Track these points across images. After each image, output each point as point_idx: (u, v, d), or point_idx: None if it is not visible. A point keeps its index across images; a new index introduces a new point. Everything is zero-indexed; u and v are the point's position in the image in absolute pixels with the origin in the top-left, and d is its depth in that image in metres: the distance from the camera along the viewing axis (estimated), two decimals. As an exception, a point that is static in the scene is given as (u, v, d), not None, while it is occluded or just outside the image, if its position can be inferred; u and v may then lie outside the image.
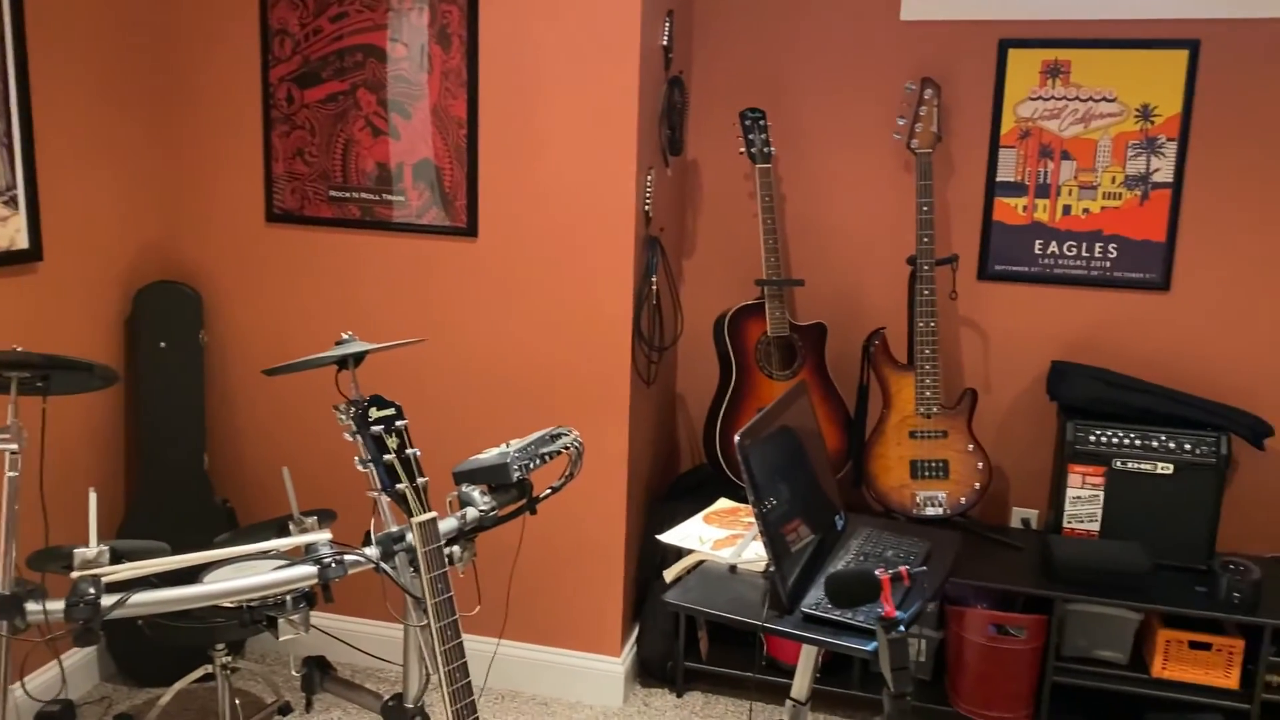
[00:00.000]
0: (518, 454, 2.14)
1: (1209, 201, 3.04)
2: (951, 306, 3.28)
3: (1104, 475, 2.98)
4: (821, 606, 1.84)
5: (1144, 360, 3.16)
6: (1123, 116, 3.04)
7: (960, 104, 3.17)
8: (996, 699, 2.90)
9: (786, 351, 3.18)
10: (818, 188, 3.33)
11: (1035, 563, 3.00)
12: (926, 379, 3.08)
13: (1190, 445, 2.93)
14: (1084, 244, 3.13)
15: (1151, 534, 2.96)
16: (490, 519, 2.06)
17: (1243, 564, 2.80)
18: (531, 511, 2.17)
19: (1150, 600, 2.80)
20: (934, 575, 2.11)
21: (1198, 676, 2.83)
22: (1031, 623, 2.87)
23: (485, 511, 2.04)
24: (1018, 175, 3.14)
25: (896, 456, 3.11)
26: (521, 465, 2.13)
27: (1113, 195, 3.08)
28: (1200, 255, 3.07)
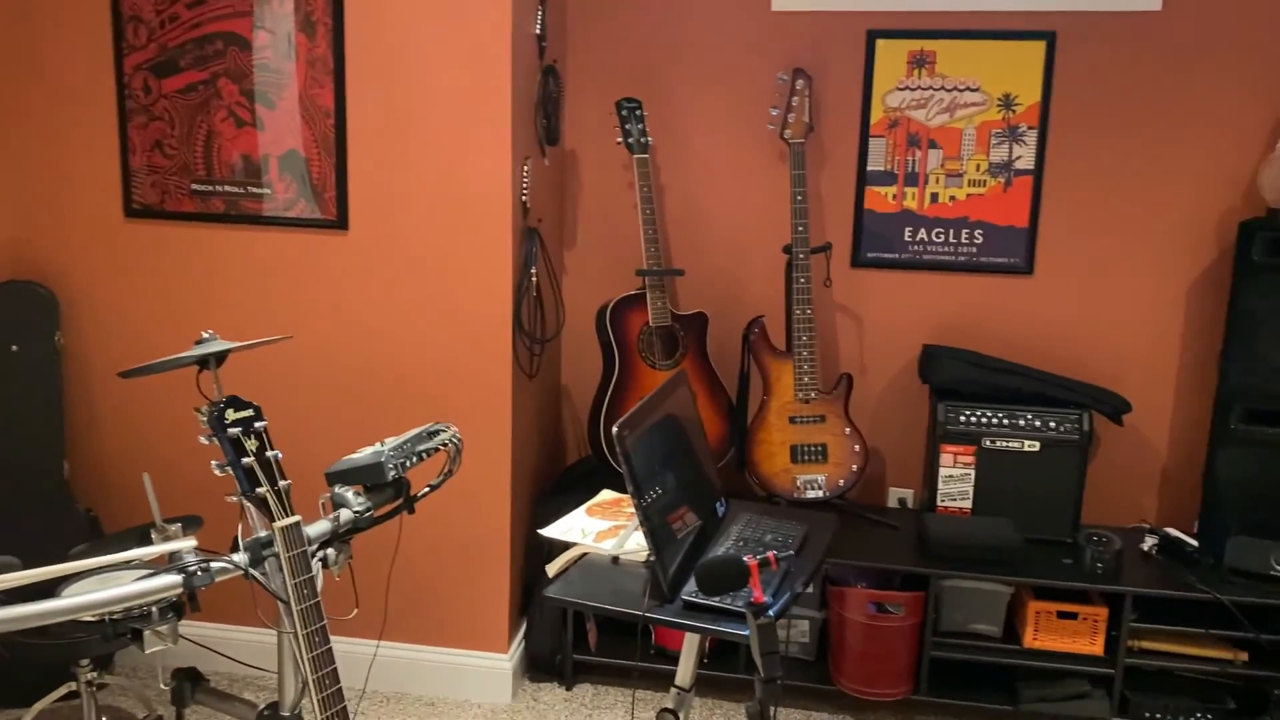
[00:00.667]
0: (393, 452, 2.09)
1: (1068, 188, 3.17)
2: (827, 293, 3.34)
3: (974, 454, 3.08)
4: (700, 594, 1.85)
5: (1010, 342, 3.27)
6: (986, 106, 3.14)
7: (832, 94, 3.23)
8: (878, 676, 2.97)
9: (669, 341, 3.20)
10: (696, 177, 3.35)
11: (912, 541, 3.08)
12: (805, 365, 3.13)
13: (1055, 423, 3.04)
14: (951, 230, 3.22)
15: (1020, 509, 3.07)
16: (366, 520, 2.01)
17: (1105, 535, 2.92)
18: (410, 510, 2.12)
19: (1020, 574, 2.91)
20: (810, 557, 2.14)
21: (1066, 645, 2.94)
22: (910, 600, 2.94)
23: (360, 512, 1.99)
24: (887, 164, 3.22)
25: (777, 441, 3.16)
26: (397, 464, 2.09)
27: (978, 183, 3.18)
28: (1061, 240, 3.20)
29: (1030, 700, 2.94)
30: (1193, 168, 3.09)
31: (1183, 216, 3.12)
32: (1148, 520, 3.29)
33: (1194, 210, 3.11)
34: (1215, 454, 3.02)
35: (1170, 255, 3.15)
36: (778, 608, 1.77)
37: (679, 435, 2.22)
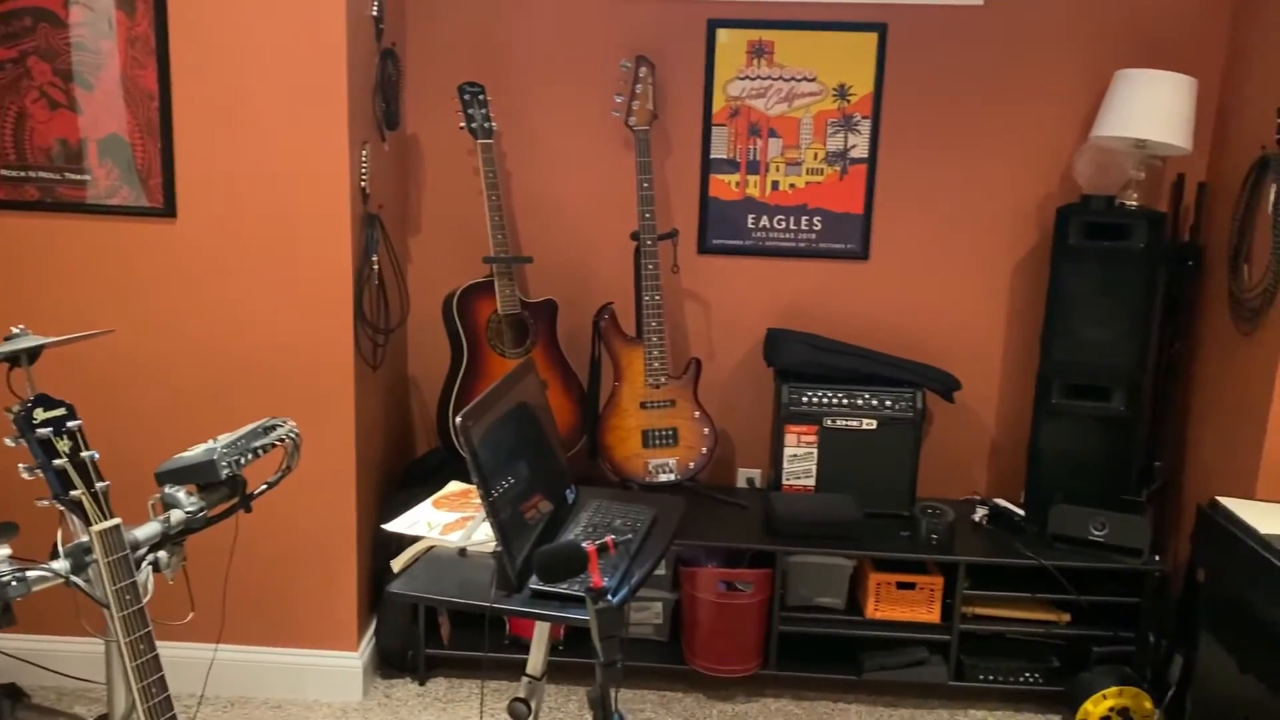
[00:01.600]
0: (226, 449, 2.01)
1: (900, 176, 3.29)
2: (676, 279, 3.37)
3: (817, 433, 3.18)
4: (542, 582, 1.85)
5: (849, 325, 3.38)
6: (822, 95, 3.23)
7: (675, 82, 3.26)
8: (729, 653, 3.04)
9: (518, 329, 3.17)
10: (544, 163, 3.33)
11: (760, 520, 3.15)
12: (654, 350, 3.16)
13: (891, 401, 3.17)
14: (792, 217, 3.30)
15: (861, 485, 3.18)
16: (200, 520, 1.93)
17: (939, 508, 3.06)
18: (246, 509, 2.05)
19: (862, 547, 3.02)
20: (658, 540, 2.17)
21: (905, 614, 3.07)
22: (758, 577, 3.02)
23: (193, 513, 1.91)
24: (730, 152, 3.27)
25: (629, 427, 3.18)
26: (231, 461, 2.01)
27: (816, 171, 3.27)
28: (894, 226, 3.32)
29: (872, 669, 3.06)
30: (1015, 156, 3.26)
31: (1006, 202, 3.29)
32: (979, 492, 3.46)
33: (1016, 196, 3.28)
34: (1038, 427, 3.19)
35: (995, 240, 3.31)
36: (623, 592, 1.79)
37: (528, 423, 2.21)
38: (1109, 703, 2.85)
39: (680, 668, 3.10)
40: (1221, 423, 3.02)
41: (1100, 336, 3.08)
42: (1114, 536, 2.99)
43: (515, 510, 2.03)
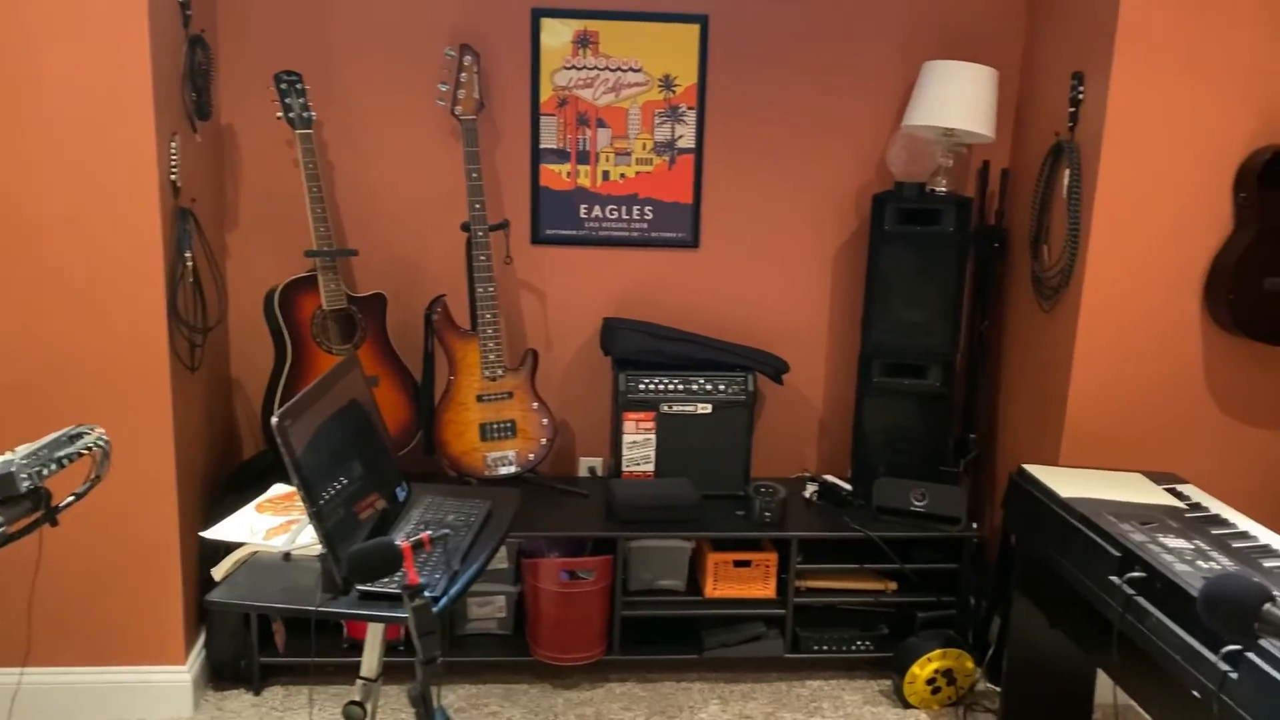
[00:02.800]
0: (26, 460, 1.88)
1: (726, 165, 3.36)
2: (509, 270, 3.35)
3: (654, 419, 3.22)
4: (378, 582, 1.82)
5: (682, 312, 3.43)
6: (648, 86, 3.26)
7: (501, 71, 3.23)
8: (573, 641, 3.05)
9: (345, 324, 3.09)
10: (368, 154, 3.25)
11: (601, 507, 3.18)
12: (490, 343, 3.13)
13: (724, 385, 3.24)
14: (624, 207, 3.33)
15: (698, 469, 3.24)
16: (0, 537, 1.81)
17: (771, 486, 3.15)
18: (52, 523, 1.92)
19: (699, 529, 3.08)
20: (494, 533, 2.16)
21: (743, 591, 3.15)
22: (599, 564, 3.04)
23: (-12, 530, 1.79)
24: (559, 142, 3.27)
25: (466, 421, 3.15)
26: (32, 473, 1.88)
27: (645, 161, 3.31)
28: (723, 215, 3.39)
29: (713, 647, 3.13)
30: (835, 145, 3.37)
31: (828, 190, 3.40)
32: (809, 469, 3.58)
33: (837, 184, 3.40)
34: (862, 405, 3.33)
35: (819, 226, 3.43)
36: (455, 588, 1.77)
37: (357, 420, 2.16)
38: (934, 665, 3.01)
39: (525, 659, 3.09)
40: (1028, 395, 3.21)
41: (916, 317, 3.23)
42: (934, 506, 3.14)
43: (348, 511, 1.99)
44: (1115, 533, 2.23)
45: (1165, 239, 2.84)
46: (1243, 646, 1.76)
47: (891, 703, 3.07)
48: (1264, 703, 1.69)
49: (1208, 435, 2.97)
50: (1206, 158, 2.80)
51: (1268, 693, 1.69)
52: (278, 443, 1.77)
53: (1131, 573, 2.12)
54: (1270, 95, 2.77)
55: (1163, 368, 2.92)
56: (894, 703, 3.07)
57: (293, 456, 1.79)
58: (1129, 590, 2.10)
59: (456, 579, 1.79)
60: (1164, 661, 1.97)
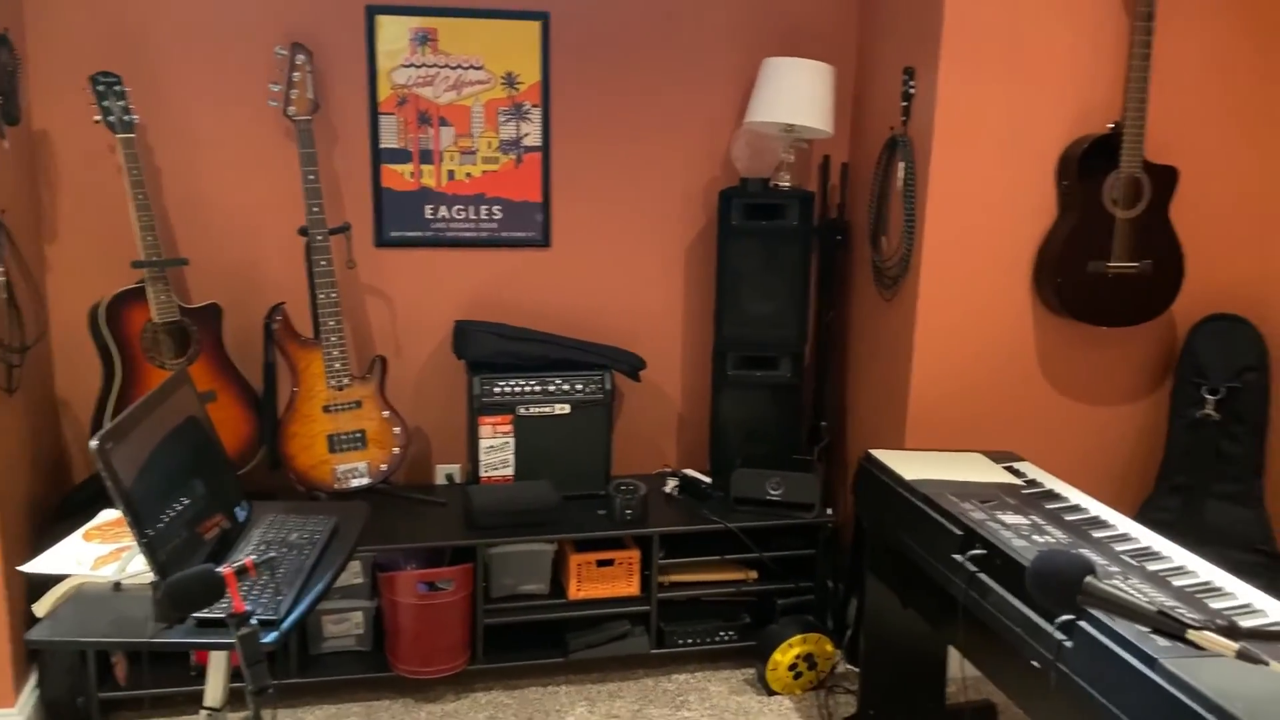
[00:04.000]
0: None
1: (575, 163, 3.34)
2: (354, 275, 3.25)
3: (511, 423, 3.18)
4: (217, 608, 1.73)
5: (536, 312, 3.40)
6: (491, 84, 3.21)
7: (336, 70, 3.13)
8: (435, 653, 2.98)
9: (179, 337, 2.94)
10: (197, 158, 3.10)
11: (459, 515, 3.12)
12: (334, 351, 3.03)
13: (581, 385, 3.22)
14: (471, 207, 3.27)
15: (558, 470, 3.22)
16: None
17: (632, 484, 3.15)
18: None
19: (560, 531, 3.06)
20: (340, 549, 2.08)
21: (607, 590, 3.14)
22: (459, 573, 2.98)
23: None
24: (401, 142, 3.19)
25: (312, 433, 3.04)
26: None
27: (491, 159, 3.26)
28: (573, 213, 3.37)
29: (578, 648, 3.11)
30: (681, 142, 3.39)
31: (676, 187, 3.42)
32: (669, 464, 3.60)
33: (685, 181, 3.42)
34: (718, 398, 3.36)
35: (668, 223, 3.44)
36: (292, 617, 1.70)
37: (195, 438, 2.06)
38: (795, 650, 3.06)
39: (386, 675, 3.01)
40: (874, 382, 3.30)
41: (766, 310, 3.28)
42: (789, 494, 3.20)
43: (191, 533, 1.89)
44: (957, 512, 2.31)
45: (995, 227, 2.96)
46: (1075, 616, 1.84)
47: (756, 690, 3.11)
48: (1096, 668, 1.78)
49: (1042, 413, 3.11)
50: (1031, 148, 2.93)
51: (1099, 659, 1.77)
52: (99, 466, 1.66)
53: (973, 550, 2.19)
54: (1086, 88, 2.92)
55: (998, 350, 3.05)
56: (758, 690, 3.11)
57: (117, 481, 1.68)
58: (971, 567, 2.18)
59: (298, 603, 1.72)
60: (1006, 634, 2.05)
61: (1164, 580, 2.00)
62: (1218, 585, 1.99)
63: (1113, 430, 3.17)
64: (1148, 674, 1.65)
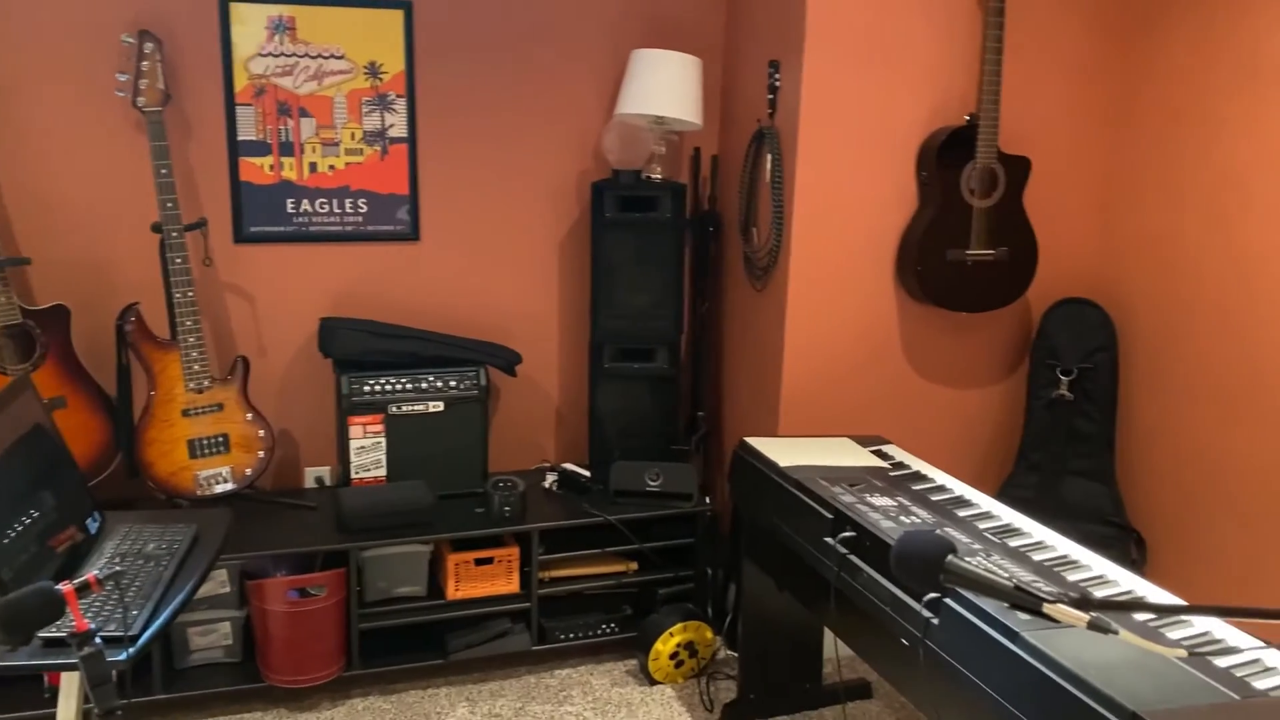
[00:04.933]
0: None
1: (444, 154, 3.27)
2: (212, 273, 3.12)
3: (382, 422, 3.10)
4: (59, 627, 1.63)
5: (406, 308, 3.33)
6: (353, 74, 3.13)
7: (189, 59, 2.99)
8: (308, 661, 2.89)
9: (22, 342, 2.77)
10: (40, 151, 2.93)
11: (330, 519, 3.03)
12: (193, 352, 2.91)
13: (455, 381, 3.16)
14: (335, 200, 3.18)
15: (433, 469, 3.15)
16: None
17: (510, 480, 3.11)
18: None
19: (436, 531, 3.00)
20: (201, 558, 2.00)
21: (486, 589, 3.10)
22: (331, 579, 2.90)
23: None
24: (259, 134, 3.07)
25: (172, 438, 2.91)
26: None
27: (355, 151, 3.17)
28: (443, 205, 3.31)
29: (458, 649, 3.06)
30: (553, 133, 3.36)
31: (549, 178, 3.39)
32: (549, 459, 3.58)
33: (558, 172, 3.40)
34: (595, 391, 3.35)
35: (542, 215, 3.41)
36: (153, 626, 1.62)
37: (42, 447, 1.94)
38: (676, 639, 3.08)
39: (258, 686, 2.90)
40: (748, 371, 3.35)
41: (641, 302, 3.29)
42: (668, 485, 3.21)
43: (42, 546, 1.78)
44: (827, 496, 2.36)
45: (860, 217, 3.03)
46: (941, 594, 1.89)
47: (639, 681, 3.12)
48: (962, 644, 1.83)
49: (907, 398, 3.20)
50: (893, 140, 3.01)
51: (964, 635, 1.83)
52: (-76, 483, 1.54)
53: (843, 533, 2.24)
54: (943, 81, 3.01)
55: (865, 337, 3.12)
56: (641, 681, 3.12)
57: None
58: (842, 549, 2.23)
59: (155, 617, 1.63)
60: (876, 614, 2.10)
61: (1024, 556, 2.08)
62: (1074, 558, 2.09)
63: (974, 412, 3.29)
64: (1010, 647, 1.72)
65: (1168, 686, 1.57)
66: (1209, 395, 2.89)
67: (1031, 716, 1.65)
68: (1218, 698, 1.55)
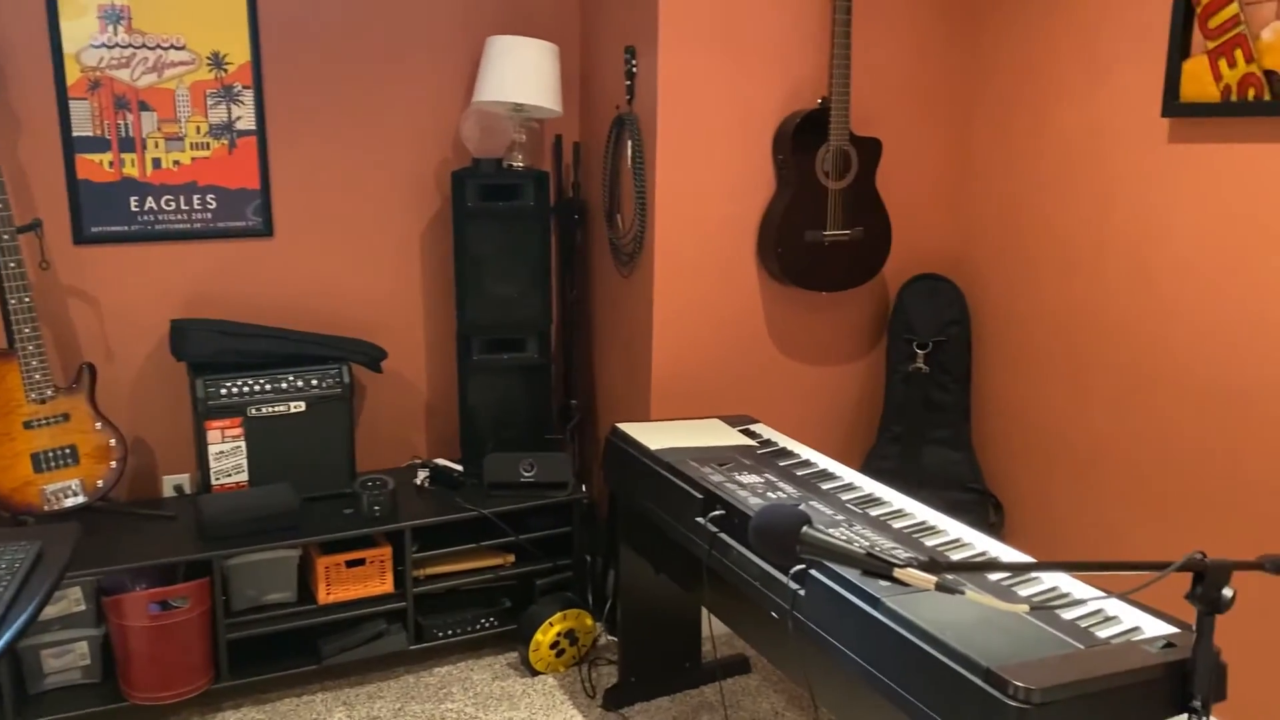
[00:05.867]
0: None
1: (296, 147, 3.18)
2: (51, 277, 2.96)
3: (242, 425, 3.00)
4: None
5: (262, 306, 3.22)
6: (196, 65, 3.00)
7: (15, 51, 2.82)
8: (173, 676, 2.78)
9: None
10: None
11: (191, 528, 2.91)
12: (33, 361, 2.75)
13: (317, 380, 3.08)
14: (182, 197, 3.05)
15: (298, 471, 3.07)
16: None
17: (379, 479, 3.05)
18: None
19: (303, 534, 2.91)
20: (45, 576, 1.89)
21: (359, 591, 3.03)
22: (194, 589, 2.79)
23: None
24: (96, 129, 2.92)
25: (14, 452, 2.75)
26: None
27: (201, 145, 3.04)
28: (297, 200, 3.21)
29: (332, 653, 2.99)
30: (410, 123, 3.30)
31: (407, 169, 3.33)
32: (420, 455, 3.52)
33: (416, 163, 3.33)
34: (465, 384, 3.31)
35: (402, 207, 3.35)
36: None
37: None
38: (556, 628, 3.08)
39: (120, 705, 2.78)
40: (619, 357, 3.36)
41: (508, 292, 3.26)
42: (542, 475, 3.20)
43: None
44: (697, 476, 2.39)
45: (721, 201, 3.07)
46: (806, 566, 1.94)
47: (520, 673, 3.11)
48: (827, 614, 1.88)
49: (773, 377, 3.27)
50: (750, 124, 3.05)
51: (829, 604, 1.88)
52: None
53: (713, 511, 2.27)
54: (796, 65, 3.07)
55: (731, 320, 3.17)
56: (523, 673, 3.11)
57: None
58: (713, 528, 2.26)
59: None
60: (748, 590, 2.14)
61: (884, 524, 2.15)
62: (932, 524, 2.16)
63: (838, 388, 3.38)
64: (872, 614, 1.77)
65: (1020, 641, 1.65)
66: (1058, 363, 3.03)
67: (894, 679, 1.70)
68: (1065, 648, 1.64)
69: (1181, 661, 1.60)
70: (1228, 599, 1.47)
